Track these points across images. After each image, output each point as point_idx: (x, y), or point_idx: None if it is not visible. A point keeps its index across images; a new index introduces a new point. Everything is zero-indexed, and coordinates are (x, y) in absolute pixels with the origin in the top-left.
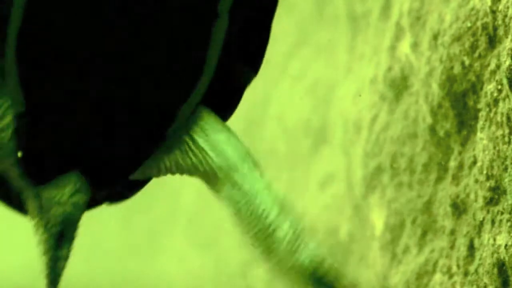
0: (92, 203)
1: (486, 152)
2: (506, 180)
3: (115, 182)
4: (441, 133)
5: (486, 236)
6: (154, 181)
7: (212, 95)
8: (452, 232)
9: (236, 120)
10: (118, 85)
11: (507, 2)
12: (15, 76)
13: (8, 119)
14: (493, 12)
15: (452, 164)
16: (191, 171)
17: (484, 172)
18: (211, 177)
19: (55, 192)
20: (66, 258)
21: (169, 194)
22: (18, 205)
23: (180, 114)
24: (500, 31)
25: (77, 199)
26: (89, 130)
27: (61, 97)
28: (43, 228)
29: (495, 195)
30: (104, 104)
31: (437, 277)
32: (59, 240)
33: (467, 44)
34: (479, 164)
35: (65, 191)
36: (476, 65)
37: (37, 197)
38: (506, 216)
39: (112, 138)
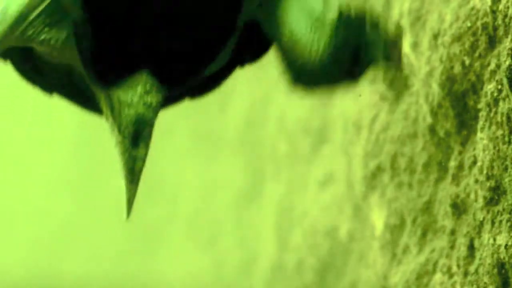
0: (172, 100)
1: (486, 152)
2: (506, 180)
3: (189, 79)
4: (441, 133)
5: (486, 236)
6: (153, 182)
7: None
8: (452, 232)
9: (236, 120)
10: None
11: (507, 2)
12: None
13: (66, 23)
14: (493, 12)
15: (452, 164)
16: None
17: (484, 172)
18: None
19: (126, 93)
20: (143, 158)
21: (169, 195)
22: (92, 106)
23: (248, 1)
24: (500, 31)
25: (149, 99)
26: (154, 27)
27: None
28: (117, 129)
29: (495, 195)
30: None
31: (437, 277)
32: (135, 140)
33: (467, 44)
34: (479, 164)
35: (136, 92)
36: (476, 65)
37: (108, 98)
38: (506, 216)
39: (181, 34)
